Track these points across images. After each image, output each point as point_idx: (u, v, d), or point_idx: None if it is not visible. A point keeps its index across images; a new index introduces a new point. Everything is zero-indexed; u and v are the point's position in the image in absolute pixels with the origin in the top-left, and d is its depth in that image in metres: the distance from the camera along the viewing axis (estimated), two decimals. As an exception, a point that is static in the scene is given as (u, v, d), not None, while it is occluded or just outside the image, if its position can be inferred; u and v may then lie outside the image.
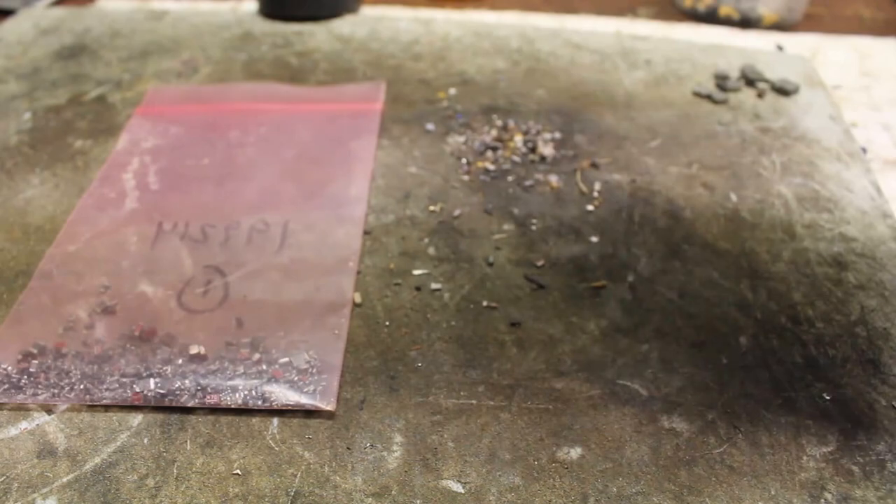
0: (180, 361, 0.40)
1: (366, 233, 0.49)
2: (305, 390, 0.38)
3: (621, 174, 0.54)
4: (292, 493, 0.34)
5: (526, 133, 0.58)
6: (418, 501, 0.34)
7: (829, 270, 0.47)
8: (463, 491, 0.35)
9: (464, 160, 0.56)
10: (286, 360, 0.40)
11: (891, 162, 0.59)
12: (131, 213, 0.50)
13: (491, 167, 0.55)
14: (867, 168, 0.55)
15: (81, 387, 0.39)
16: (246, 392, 0.38)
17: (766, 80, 0.65)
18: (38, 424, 0.37)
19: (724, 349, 0.42)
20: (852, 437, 0.37)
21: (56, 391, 0.38)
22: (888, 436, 0.37)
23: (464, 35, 0.73)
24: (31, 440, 0.37)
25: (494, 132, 0.58)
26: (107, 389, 0.38)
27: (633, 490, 0.35)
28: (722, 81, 0.65)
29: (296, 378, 0.39)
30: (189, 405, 0.38)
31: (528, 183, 0.53)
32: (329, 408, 0.38)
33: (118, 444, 0.37)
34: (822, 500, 0.34)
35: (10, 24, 0.77)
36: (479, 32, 0.74)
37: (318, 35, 0.74)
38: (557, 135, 0.58)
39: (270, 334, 0.41)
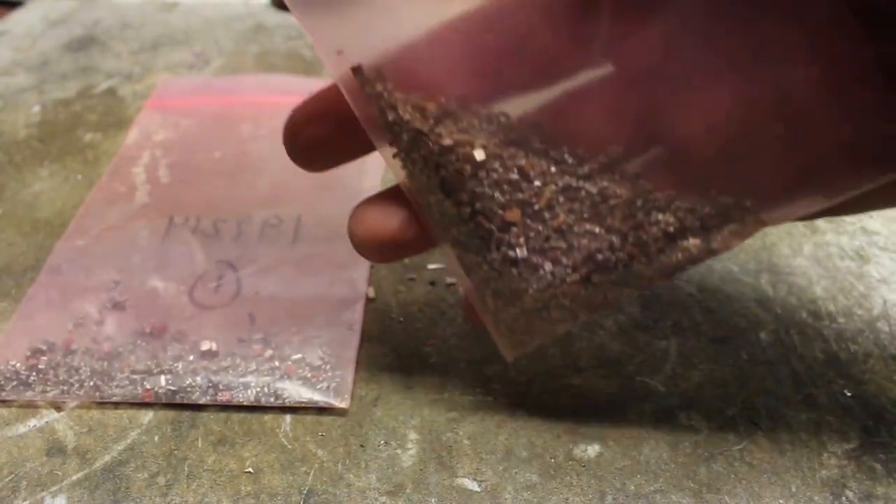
0: (192, 358, 0.39)
1: (379, 226, 0.49)
2: (319, 387, 0.38)
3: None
4: (305, 492, 0.34)
5: None
6: (433, 500, 0.34)
7: (850, 264, 0.46)
8: (479, 489, 0.34)
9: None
10: (299, 356, 0.39)
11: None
12: (142, 208, 0.49)
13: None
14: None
15: (91, 384, 0.38)
16: (258, 389, 0.38)
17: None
18: (47, 422, 0.37)
19: (743, 345, 0.41)
20: (874, 434, 0.37)
21: (65, 388, 0.38)
22: (912, 433, 0.37)
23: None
24: (39, 438, 0.36)
25: None
26: (117, 386, 0.38)
27: (652, 488, 0.34)
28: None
29: (309, 375, 0.39)
30: (200, 402, 0.38)
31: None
32: (343, 405, 0.37)
33: (128, 441, 0.36)
34: (844, 498, 0.34)
35: (18, 15, 0.76)
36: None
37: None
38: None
39: (283, 330, 0.41)
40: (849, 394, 0.39)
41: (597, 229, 0.31)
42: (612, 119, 0.32)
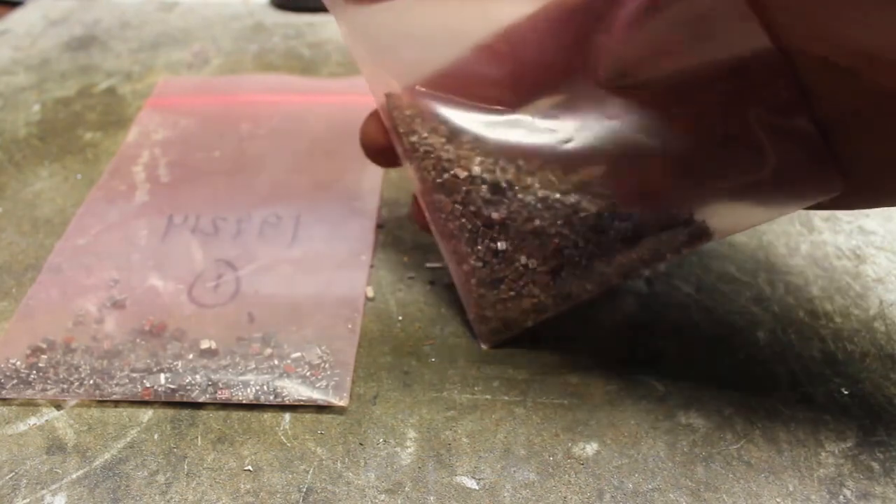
0: (191, 356, 0.39)
1: (379, 226, 0.49)
2: (318, 385, 0.38)
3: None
4: (304, 490, 0.34)
5: None
6: (432, 498, 0.34)
7: (847, 264, 0.46)
8: (477, 487, 0.34)
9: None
10: (298, 354, 0.40)
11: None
12: (141, 206, 0.49)
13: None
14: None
15: (91, 382, 0.38)
16: (257, 387, 0.38)
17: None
18: (46, 420, 0.37)
19: (741, 344, 0.41)
20: (871, 433, 0.37)
21: (65, 386, 0.38)
22: (909, 432, 0.37)
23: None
24: (39, 436, 0.36)
25: None
26: (116, 385, 0.38)
27: (650, 486, 0.34)
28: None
29: (308, 373, 0.39)
30: (200, 400, 0.38)
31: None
32: (342, 403, 0.37)
33: (128, 439, 0.36)
34: (841, 497, 0.34)
35: (18, 14, 0.77)
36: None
37: (331, 26, 0.73)
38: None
39: (282, 329, 0.41)
40: (846, 392, 0.39)
41: (566, 232, 0.36)
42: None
